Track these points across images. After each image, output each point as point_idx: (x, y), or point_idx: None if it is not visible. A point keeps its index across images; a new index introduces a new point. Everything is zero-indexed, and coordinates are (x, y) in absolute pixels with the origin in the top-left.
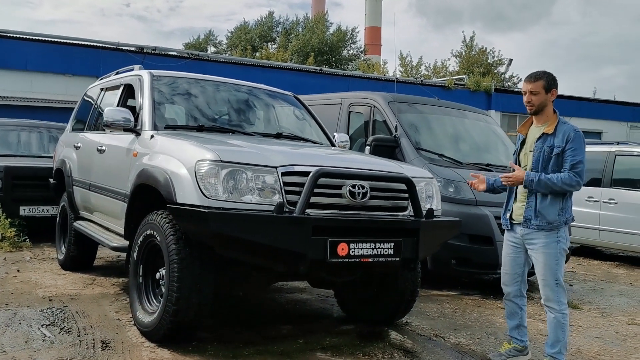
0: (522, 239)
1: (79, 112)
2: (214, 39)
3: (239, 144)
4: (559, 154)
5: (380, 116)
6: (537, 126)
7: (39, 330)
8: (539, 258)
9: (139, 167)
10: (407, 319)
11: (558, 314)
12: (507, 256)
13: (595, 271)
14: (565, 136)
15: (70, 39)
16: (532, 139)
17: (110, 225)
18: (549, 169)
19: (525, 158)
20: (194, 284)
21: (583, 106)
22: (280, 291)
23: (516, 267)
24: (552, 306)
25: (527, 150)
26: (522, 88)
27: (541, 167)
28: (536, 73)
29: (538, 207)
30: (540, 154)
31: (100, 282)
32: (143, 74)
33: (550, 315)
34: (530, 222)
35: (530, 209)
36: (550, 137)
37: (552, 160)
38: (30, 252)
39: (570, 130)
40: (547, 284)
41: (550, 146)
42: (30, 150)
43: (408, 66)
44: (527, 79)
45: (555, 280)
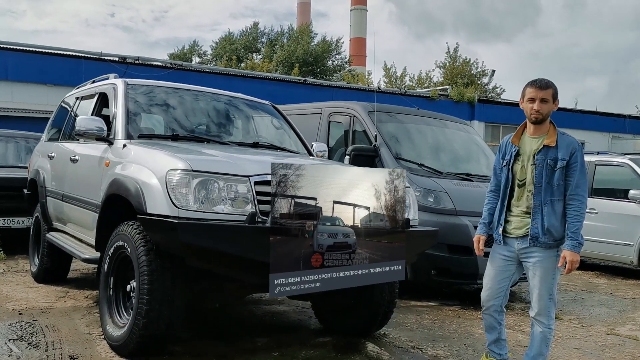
0: (517, 253)
1: (54, 121)
2: (198, 49)
3: (212, 154)
4: (563, 167)
5: (360, 126)
6: (533, 137)
7: (5, 345)
8: (535, 272)
9: (110, 176)
10: (385, 330)
11: (546, 329)
12: (494, 269)
13: (577, 281)
14: (570, 149)
15: (52, 49)
16: (530, 151)
17: (83, 237)
18: (553, 183)
19: (522, 171)
20: (165, 297)
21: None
22: (257, 303)
23: (502, 281)
24: (542, 320)
25: (524, 164)
26: (528, 95)
27: (545, 181)
28: (544, 80)
29: (546, 224)
30: (543, 168)
31: (73, 295)
32: (117, 83)
33: (537, 329)
34: (537, 239)
35: (536, 226)
36: (553, 149)
37: (556, 174)
38: (4, 264)
39: (575, 143)
40: (542, 298)
41: (554, 159)
42: (7, 160)
43: (392, 77)
44: (535, 86)
45: (550, 294)
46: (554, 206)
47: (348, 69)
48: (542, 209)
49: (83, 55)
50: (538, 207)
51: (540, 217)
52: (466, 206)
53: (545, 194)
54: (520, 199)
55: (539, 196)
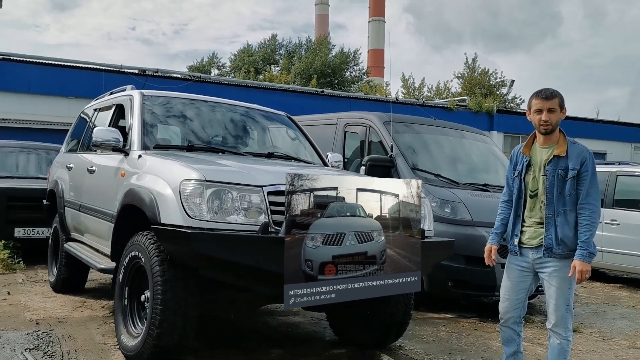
0: (532, 263)
1: (73, 133)
2: (217, 61)
3: (226, 164)
4: (574, 177)
5: (376, 136)
6: (543, 147)
7: (22, 354)
8: (551, 282)
9: (126, 187)
10: (400, 342)
11: (563, 341)
12: (511, 280)
13: (598, 294)
14: (580, 158)
15: (73, 62)
16: (540, 161)
17: (99, 247)
18: (565, 193)
19: (534, 182)
20: (178, 307)
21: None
22: (272, 314)
23: (520, 292)
24: (559, 332)
25: (535, 174)
26: (535, 106)
27: (557, 191)
28: (549, 90)
29: (560, 235)
30: (554, 179)
31: (90, 305)
32: (134, 94)
33: (554, 340)
34: (551, 250)
35: (550, 237)
36: (563, 159)
37: (567, 184)
38: (23, 274)
39: (585, 152)
40: (558, 308)
41: (565, 169)
42: (28, 171)
43: (410, 88)
44: (541, 97)
45: (567, 305)
46: (566, 216)
47: (366, 80)
48: (555, 220)
49: (103, 68)
50: (551, 218)
51: (554, 228)
52: (483, 217)
53: (558, 204)
54: (533, 209)
55: (551, 207)
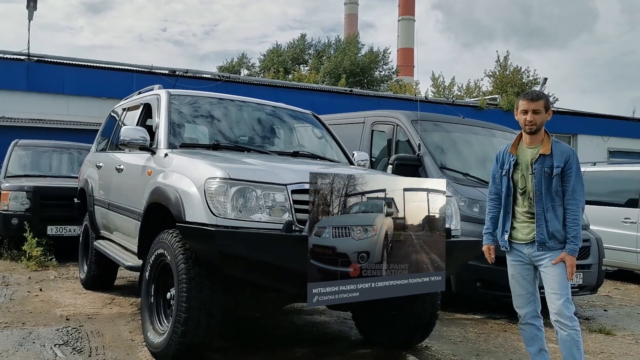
0: (529, 257)
1: (103, 132)
2: (247, 61)
3: (251, 162)
4: (558, 174)
5: (403, 135)
6: (529, 147)
7: (51, 350)
8: (551, 272)
9: (152, 185)
10: (427, 342)
11: (571, 331)
12: (515, 276)
13: (633, 296)
14: (564, 156)
15: (105, 63)
16: (527, 161)
17: (127, 245)
18: (552, 190)
19: (522, 180)
20: (203, 305)
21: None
22: (298, 313)
23: (528, 285)
24: (565, 322)
25: (523, 172)
26: (521, 107)
27: (544, 188)
28: (535, 92)
29: (551, 229)
30: (541, 177)
31: (119, 302)
32: (161, 93)
33: (562, 333)
34: (544, 245)
35: (542, 232)
36: (548, 157)
37: (554, 181)
38: (56, 271)
39: (569, 151)
40: (560, 298)
41: (550, 167)
42: (60, 170)
43: (440, 86)
44: (526, 99)
45: (567, 295)
46: (555, 212)
47: (395, 79)
48: (545, 215)
49: (135, 69)
50: (541, 214)
51: (544, 223)
52: None
53: (546, 200)
54: (524, 205)
55: (540, 203)
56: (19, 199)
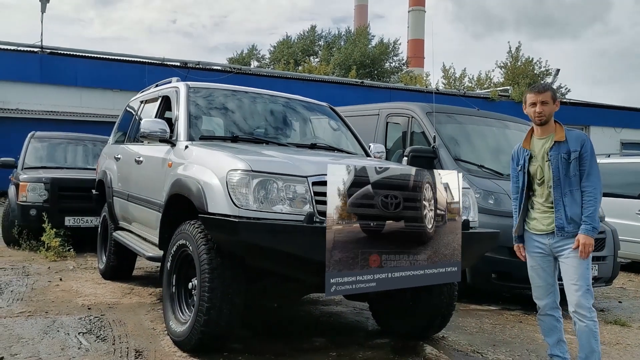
0: (549, 247)
1: (120, 125)
2: (257, 53)
3: (271, 154)
4: (577, 158)
5: (418, 127)
6: (541, 138)
7: (75, 338)
8: (570, 263)
9: (173, 177)
10: (443, 333)
11: (590, 322)
12: (535, 268)
13: None
14: (579, 141)
15: (117, 55)
16: (542, 151)
17: (147, 236)
18: (570, 174)
19: (539, 171)
20: (225, 294)
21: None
22: (315, 303)
23: (547, 276)
24: (584, 313)
25: (539, 163)
26: (529, 100)
27: (562, 174)
28: (541, 84)
29: (569, 213)
30: (558, 162)
31: (138, 292)
32: (180, 86)
33: (580, 324)
34: (564, 230)
35: (560, 217)
36: (564, 144)
37: (571, 166)
38: (74, 262)
39: (583, 135)
40: (579, 289)
41: (567, 152)
42: (76, 162)
43: (451, 78)
44: (534, 91)
45: (587, 285)
46: (573, 196)
47: (406, 71)
48: (563, 200)
49: (146, 61)
50: (559, 199)
51: (563, 208)
52: None
53: (564, 185)
54: (543, 195)
55: (558, 189)
56: (37, 190)
